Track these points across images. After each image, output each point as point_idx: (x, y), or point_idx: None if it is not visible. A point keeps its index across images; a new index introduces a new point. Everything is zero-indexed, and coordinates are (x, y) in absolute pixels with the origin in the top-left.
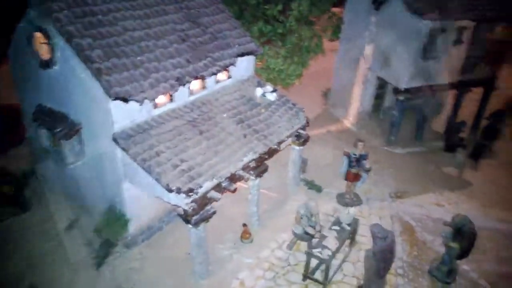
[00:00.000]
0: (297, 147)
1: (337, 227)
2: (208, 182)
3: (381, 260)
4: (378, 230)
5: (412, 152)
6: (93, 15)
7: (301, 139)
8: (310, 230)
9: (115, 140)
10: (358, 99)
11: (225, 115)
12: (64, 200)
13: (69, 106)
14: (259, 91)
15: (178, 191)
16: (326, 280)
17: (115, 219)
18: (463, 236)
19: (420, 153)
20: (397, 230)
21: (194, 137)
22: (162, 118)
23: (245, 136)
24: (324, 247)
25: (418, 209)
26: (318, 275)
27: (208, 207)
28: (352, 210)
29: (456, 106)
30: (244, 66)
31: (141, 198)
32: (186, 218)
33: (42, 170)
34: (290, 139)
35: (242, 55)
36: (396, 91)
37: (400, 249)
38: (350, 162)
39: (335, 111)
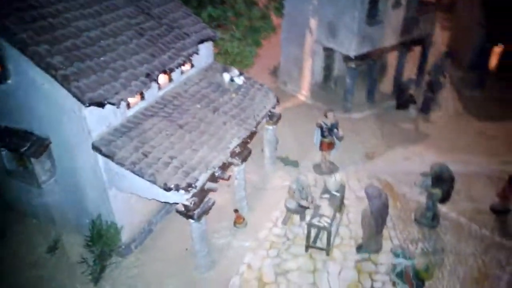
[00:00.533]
0: (270, 127)
1: (327, 195)
2: (203, 174)
3: (379, 217)
4: (373, 190)
5: (368, 115)
6: (43, 19)
7: (274, 118)
8: (304, 203)
9: (96, 148)
10: (309, 72)
11: (199, 105)
12: (39, 223)
13: (32, 121)
14: (226, 76)
15: (177, 188)
16: (329, 246)
17: (106, 230)
18: (443, 182)
19: (376, 115)
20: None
21: (175, 133)
22: (137, 118)
23: (225, 123)
24: (321, 215)
25: (389, 165)
26: (319, 243)
27: (206, 199)
28: (338, 176)
29: (400, 66)
30: (204, 53)
31: (129, 203)
32: (187, 213)
33: (9, 194)
34: (264, 120)
35: (201, 42)
36: (347, 59)
37: None
38: (322, 132)
39: (287, 87)
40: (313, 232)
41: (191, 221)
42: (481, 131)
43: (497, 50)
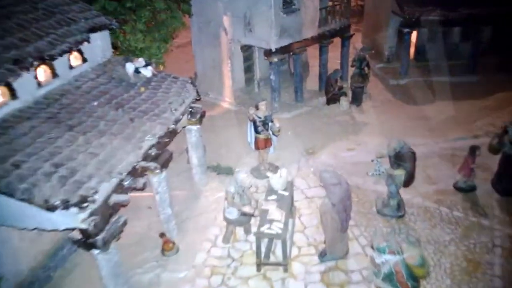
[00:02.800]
0: (194, 127)
1: (273, 196)
2: (105, 183)
3: (342, 210)
4: (330, 176)
5: (299, 114)
6: None
7: (197, 115)
8: (247, 209)
9: None
10: (229, 77)
11: (95, 103)
12: None
13: None
14: (130, 67)
15: (66, 205)
16: (286, 259)
17: None
18: (404, 160)
19: (307, 113)
20: None
21: (63, 135)
22: (7, 122)
23: (132, 120)
24: (271, 221)
25: (334, 158)
26: (273, 258)
27: (115, 218)
28: (284, 172)
29: (324, 59)
30: (100, 46)
31: (10, 243)
32: (87, 241)
33: None
34: (185, 118)
35: (94, 30)
36: (268, 54)
37: None
38: (256, 127)
39: (209, 97)
40: (264, 245)
41: (95, 252)
42: (416, 114)
43: (414, 38)
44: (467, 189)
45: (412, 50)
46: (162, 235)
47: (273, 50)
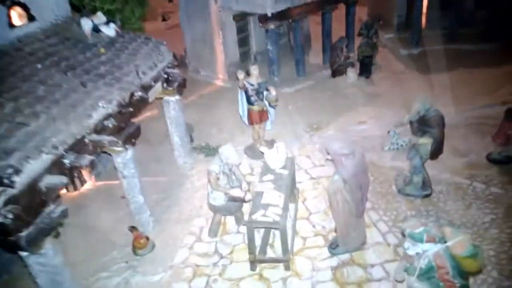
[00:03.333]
0: (172, 98)
1: (270, 176)
2: (34, 160)
3: (357, 188)
4: (340, 145)
5: (302, 88)
6: None
7: (174, 84)
8: (237, 193)
9: None
10: (221, 51)
11: (39, 65)
12: None
13: None
14: (86, 24)
15: None
16: (287, 253)
17: None
18: (430, 125)
19: (310, 87)
20: None
21: None
22: None
23: (83, 84)
24: (266, 206)
25: (343, 133)
26: (271, 253)
27: (51, 207)
28: (282, 146)
29: (327, 28)
30: (52, 2)
31: None
32: (8, 240)
33: None
34: (159, 86)
35: None
36: (264, 20)
37: None
38: (248, 97)
39: (200, 75)
40: (259, 237)
41: (22, 254)
42: (434, 84)
43: (425, 4)
44: (503, 161)
45: (423, 18)
46: (132, 229)
47: (269, 15)
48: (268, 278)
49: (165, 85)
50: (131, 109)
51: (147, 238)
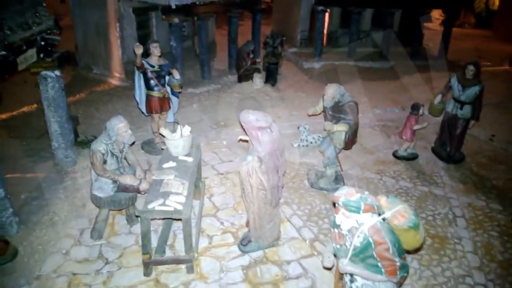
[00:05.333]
0: (50, 73)
1: (172, 163)
2: None
3: (274, 169)
4: (256, 117)
5: (206, 91)
6: None
7: (55, 54)
8: (130, 180)
9: None
10: (118, 46)
11: None
12: None
13: None
14: None
15: None
16: (191, 251)
17: None
18: (345, 112)
19: (216, 90)
20: (242, 154)
21: None
22: None
23: None
24: (166, 194)
25: None
26: (170, 253)
27: None
28: (187, 130)
29: (233, 33)
30: None
31: None
32: None
33: None
34: (33, 55)
35: None
36: (167, 12)
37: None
38: (147, 81)
39: (92, 72)
40: (156, 235)
41: None
42: None
43: (326, 23)
44: (408, 157)
45: (324, 35)
46: None
47: (173, 7)
48: (166, 284)
49: (42, 55)
50: None
51: (6, 242)
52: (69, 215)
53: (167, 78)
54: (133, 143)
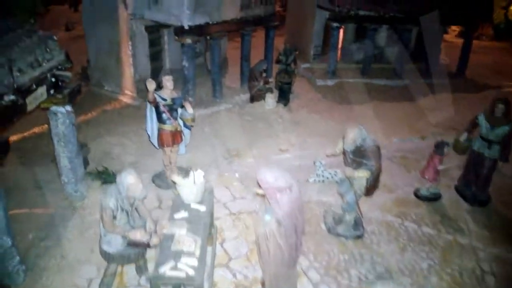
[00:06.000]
0: (61, 109)
1: (184, 213)
2: None
3: (292, 231)
4: (275, 176)
5: (218, 111)
6: None
7: (65, 90)
8: (140, 235)
9: None
10: (130, 64)
11: None
12: None
13: None
14: None
15: None
16: None
17: None
18: (367, 157)
19: (228, 110)
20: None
21: None
22: None
23: None
24: (178, 254)
25: (264, 161)
26: None
27: None
28: (200, 175)
29: (246, 50)
30: None
31: None
32: None
33: None
34: (43, 92)
35: None
36: (180, 32)
37: None
38: (159, 114)
39: (104, 89)
40: None
41: None
42: (352, 115)
43: (340, 38)
44: (431, 198)
45: (338, 51)
46: None
47: (186, 27)
48: None
49: (52, 91)
50: None
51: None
52: (77, 260)
53: (179, 110)
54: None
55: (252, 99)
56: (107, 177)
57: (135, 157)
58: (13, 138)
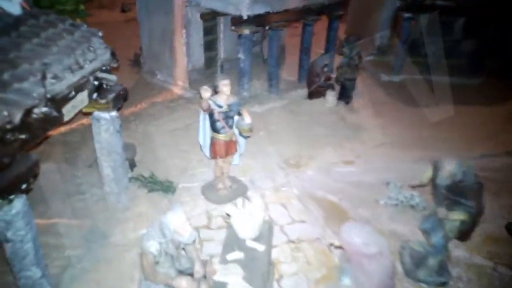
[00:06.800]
0: (105, 114)
1: (238, 254)
2: None
3: None
4: (366, 240)
5: (273, 108)
6: None
7: (109, 94)
8: (186, 284)
9: None
10: (183, 53)
11: None
12: None
13: None
14: None
15: None
16: None
17: None
18: (466, 196)
19: (283, 107)
20: (319, 217)
21: None
22: None
23: None
24: None
25: (326, 175)
26: None
27: None
28: (257, 204)
29: (307, 41)
30: None
31: None
32: None
33: None
34: (84, 98)
35: None
36: (237, 22)
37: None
38: (213, 122)
39: (155, 78)
40: None
41: None
42: (420, 120)
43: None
44: None
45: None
46: None
47: (245, 17)
48: None
49: (95, 95)
50: (22, 136)
51: None
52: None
53: (235, 117)
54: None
55: (311, 95)
56: (153, 185)
57: (184, 161)
58: (61, 129)
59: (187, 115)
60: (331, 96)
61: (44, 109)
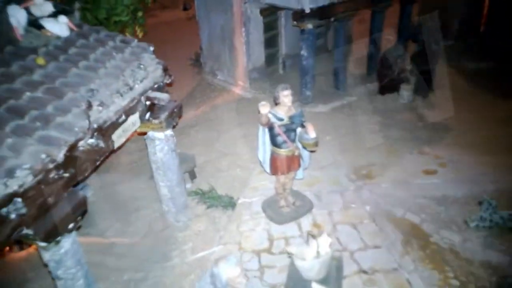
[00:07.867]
0: (159, 134)
1: None
2: None
3: None
4: None
5: (340, 106)
6: None
7: (162, 114)
8: None
9: None
10: (243, 52)
11: None
12: None
13: None
14: (18, 15)
15: None
16: None
17: None
18: None
19: (351, 106)
20: (397, 242)
21: None
22: None
23: None
24: None
25: (404, 188)
26: None
27: None
28: (324, 241)
29: (377, 30)
30: None
31: None
32: None
33: None
34: (136, 119)
35: None
36: (299, 17)
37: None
38: (274, 137)
39: (216, 78)
40: None
41: None
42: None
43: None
44: None
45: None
46: None
47: (307, 11)
48: None
49: (147, 115)
50: (67, 174)
51: None
52: None
53: (298, 130)
54: None
55: (383, 90)
56: (212, 200)
57: (245, 172)
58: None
59: (249, 119)
60: (406, 91)
61: (91, 141)
